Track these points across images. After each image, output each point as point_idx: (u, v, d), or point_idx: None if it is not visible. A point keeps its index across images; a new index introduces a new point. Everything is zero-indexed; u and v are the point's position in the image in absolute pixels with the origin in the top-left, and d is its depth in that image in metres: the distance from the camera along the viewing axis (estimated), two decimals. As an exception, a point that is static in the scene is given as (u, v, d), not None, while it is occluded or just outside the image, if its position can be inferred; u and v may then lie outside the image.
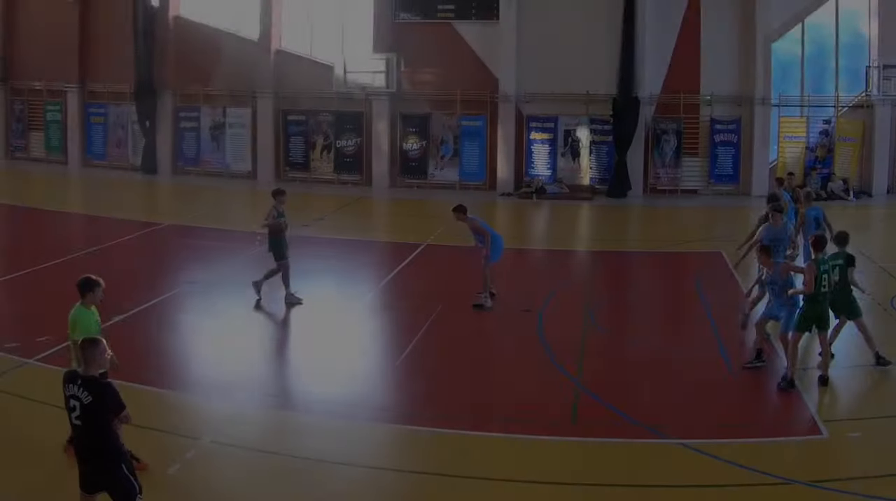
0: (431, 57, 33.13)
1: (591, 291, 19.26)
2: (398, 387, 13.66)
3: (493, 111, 32.62)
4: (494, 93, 32.45)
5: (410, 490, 10.29)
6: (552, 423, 12.00)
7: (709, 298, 18.57)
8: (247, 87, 34.08)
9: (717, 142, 32.39)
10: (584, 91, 32.10)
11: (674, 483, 10.45)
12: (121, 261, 21.16)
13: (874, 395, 13.51)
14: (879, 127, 32.32)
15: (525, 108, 32.61)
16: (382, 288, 19.34)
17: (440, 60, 33.06)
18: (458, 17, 32.82)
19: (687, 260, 22.85)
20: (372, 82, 32.24)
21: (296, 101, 33.85)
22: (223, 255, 21.85)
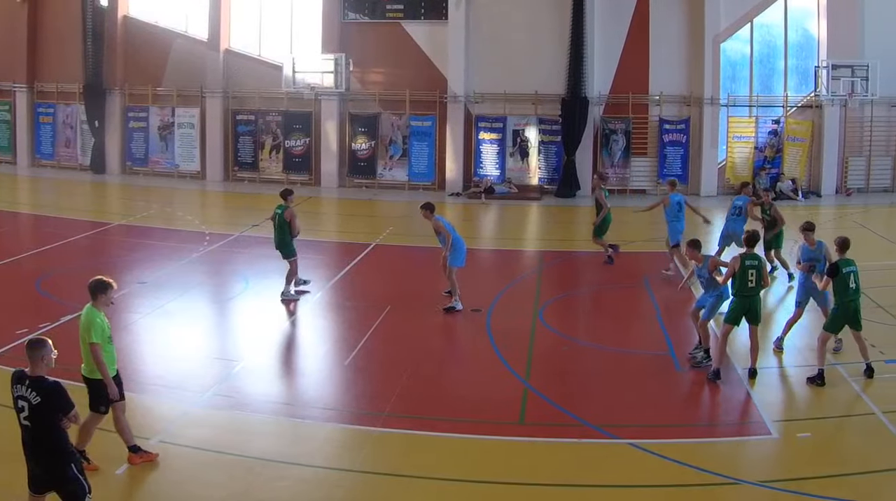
0: (380, 57, 33.10)
1: (539, 291, 19.25)
2: (347, 387, 13.64)
3: (442, 111, 32.58)
4: (443, 94, 32.41)
5: (360, 490, 10.31)
6: (500, 423, 12.02)
7: (657, 298, 18.66)
8: (196, 87, 33.87)
9: (666, 142, 32.42)
10: (532, 91, 32.12)
11: (622, 484, 10.49)
12: (70, 261, 21.11)
13: (824, 395, 13.46)
14: (828, 127, 32.44)
15: (474, 108, 32.59)
16: (331, 287, 19.30)
17: (389, 60, 33.04)
18: (406, 17, 32.80)
19: (636, 260, 22.82)
20: (321, 82, 32.10)
21: (245, 101, 33.75)
22: (172, 255, 21.71)
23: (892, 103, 32.39)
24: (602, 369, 14.57)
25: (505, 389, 13.36)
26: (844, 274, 13.47)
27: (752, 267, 13.54)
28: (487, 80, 32.31)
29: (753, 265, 13.56)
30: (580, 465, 10.92)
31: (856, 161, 33.05)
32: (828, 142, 32.44)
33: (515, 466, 10.86)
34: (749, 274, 13.49)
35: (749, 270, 13.50)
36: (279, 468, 10.57)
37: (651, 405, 12.98)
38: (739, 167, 32.70)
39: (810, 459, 11.12)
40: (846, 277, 13.45)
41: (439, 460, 10.90)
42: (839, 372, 14.01)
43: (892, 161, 33.13)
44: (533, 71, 32.06)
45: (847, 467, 10.85)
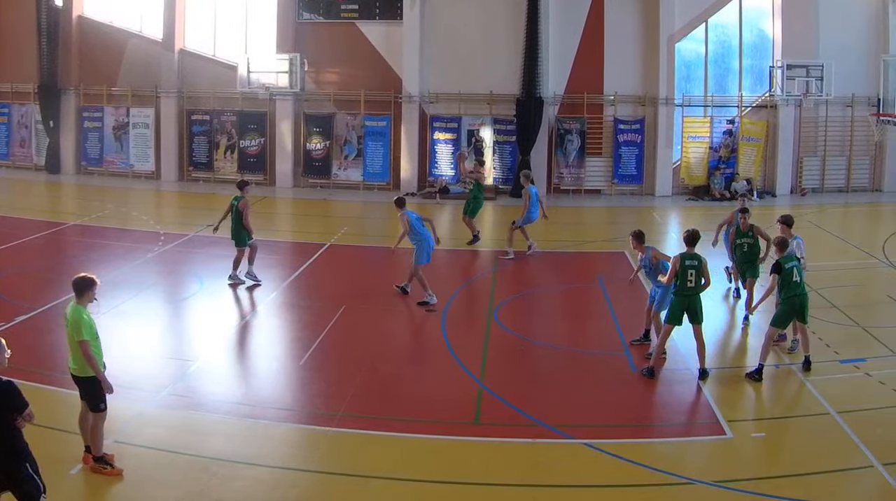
0: (335, 57, 33.02)
1: (494, 291, 19.25)
2: (302, 387, 13.64)
3: (397, 111, 32.53)
4: (398, 94, 32.35)
5: (315, 490, 10.30)
6: (455, 423, 12.04)
7: (612, 298, 18.67)
8: (151, 87, 33.75)
9: (621, 142, 32.43)
10: (487, 91, 32.10)
11: (577, 484, 10.52)
12: (24, 262, 21.01)
13: (778, 395, 13.58)
14: (783, 127, 32.53)
15: (429, 108, 32.54)
16: (286, 287, 19.30)
17: (344, 60, 32.97)
18: (361, 17, 32.76)
19: (591, 259, 22.92)
20: (275, 82, 32.00)
21: (199, 101, 33.64)
22: (127, 255, 21.62)
23: (846, 103, 32.47)
24: (557, 369, 14.59)
25: (460, 389, 13.40)
26: (787, 270, 13.68)
27: (691, 267, 13.65)
28: (442, 80, 32.28)
29: (693, 265, 13.66)
30: (535, 465, 10.95)
31: (810, 161, 33.12)
32: (782, 142, 32.51)
33: (470, 466, 10.91)
34: (689, 273, 13.61)
35: (689, 270, 13.62)
36: (235, 468, 10.60)
37: (606, 405, 13.05)
38: (694, 167, 32.71)
39: (765, 459, 11.22)
40: (789, 272, 13.66)
41: (394, 460, 10.94)
42: (793, 372, 14.10)
43: (847, 161, 33.21)
44: (488, 71, 32.05)
45: (801, 467, 10.90)
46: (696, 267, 13.66)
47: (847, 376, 13.89)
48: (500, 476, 10.61)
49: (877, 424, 12.10)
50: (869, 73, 31.17)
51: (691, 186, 32.66)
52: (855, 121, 32.63)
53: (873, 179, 33.41)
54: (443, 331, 16.21)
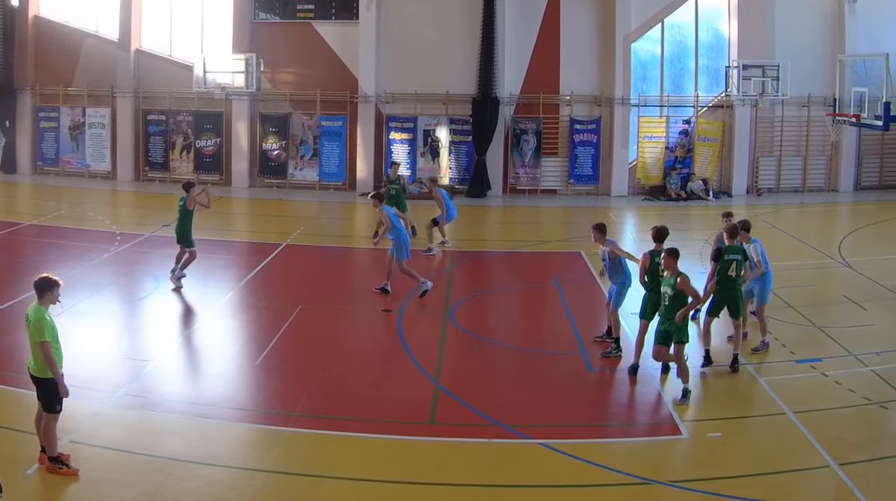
0: (291, 57, 32.96)
1: (450, 291, 19.24)
2: (258, 387, 13.65)
3: (353, 111, 32.46)
4: (354, 94, 32.30)
5: (270, 490, 10.32)
6: (411, 423, 12.08)
7: (568, 297, 18.72)
8: (107, 87, 33.62)
9: (577, 142, 32.43)
10: (443, 91, 32.08)
11: (533, 484, 10.55)
12: None
13: (734, 395, 13.62)
14: (739, 127, 32.59)
15: (385, 108, 32.49)
16: (242, 287, 19.28)
17: (300, 60, 32.91)
18: (317, 18, 32.68)
19: (547, 259, 22.93)
20: (231, 82, 31.87)
21: (155, 101, 33.50)
22: (83, 255, 21.57)
23: (802, 103, 32.57)
24: (513, 369, 14.65)
25: (416, 389, 13.46)
26: (726, 261, 13.88)
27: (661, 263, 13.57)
28: (398, 80, 32.25)
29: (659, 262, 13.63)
30: (491, 465, 10.99)
31: (766, 161, 33.20)
32: (738, 142, 32.56)
33: (426, 466, 10.95)
34: (659, 270, 13.59)
35: (659, 266, 13.60)
36: (190, 468, 10.61)
37: (562, 404, 13.09)
38: (650, 167, 32.73)
39: (721, 459, 11.23)
40: (728, 264, 13.86)
41: (350, 460, 10.98)
42: (749, 372, 14.18)
43: (803, 161, 33.30)
44: (444, 71, 32.03)
45: (757, 467, 10.94)
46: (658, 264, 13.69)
47: (803, 376, 13.98)
48: (455, 477, 10.67)
49: (833, 424, 12.20)
50: (825, 73, 31.26)
51: (647, 186, 32.68)
52: (811, 122, 32.73)
53: (829, 179, 33.49)
54: (399, 331, 16.26)
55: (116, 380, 13.34)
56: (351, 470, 10.61)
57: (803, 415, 12.30)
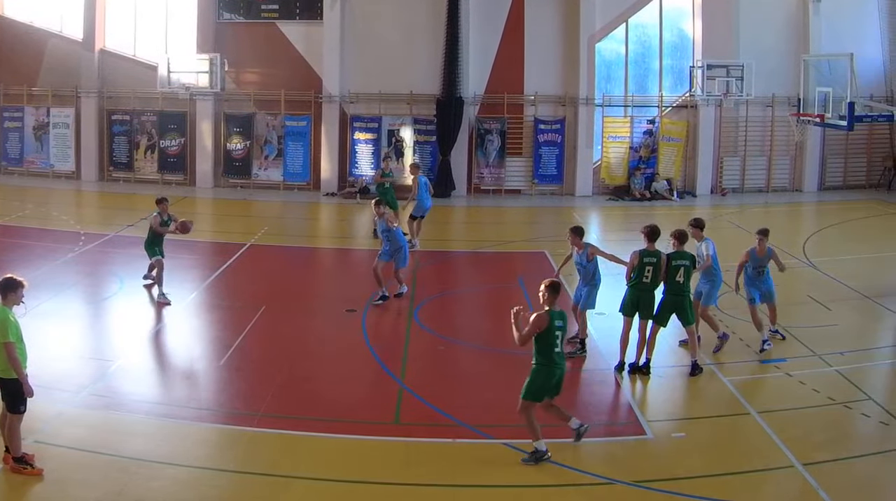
0: (255, 57, 32.92)
1: (414, 291, 19.19)
2: (222, 387, 13.62)
3: (317, 111, 32.42)
4: (318, 94, 32.26)
5: (234, 490, 10.32)
6: (375, 423, 12.09)
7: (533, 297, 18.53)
8: (71, 87, 33.52)
9: (541, 142, 32.45)
10: (407, 91, 32.08)
11: (497, 484, 10.55)
12: None
13: (698, 396, 13.65)
14: (703, 127, 32.65)
15: (349, 108, 32.48)
16: (206, 287, 19.26)
17: (264, 60, 32.86)
18: (281, 18, 32.63)
19: (511, 259, 22.93)
20: (196, 82, 31.77)
21: (120, 101, 33.39)
22: (48, 255, 21.48)
23: (766, 103, 32.67)
24: (477, 369, 14.67)
25: (380, 389, 13.51)
26: (674, 267, 13.87)
27: (649, 263, 13.86)
28: (363, 80, 32.22)
29: (651, 262, 13.87)
30: (455, 465, 10.98)
31: (731, 161, 33.27)
32: (703, 142, 32.62)
33: (390, 466, 10.93)
34: (646, 270, 13.84)
35: (647, 266, 13.84)
36: (154, 468, 10.60)
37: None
38: (614, 167, 32.76)
39: (685, 459, 11.24)
40: (675, 270, 13.86)
41: (314, 460, 10.96)
42: (714, 372, 14.19)
43: (767, 161, 33.40)
44: (408, 71, 32.02)
45: (722, 467, 10.97)
46: (654, 264, 13.86)
47: (767, 376, 14.05)
48: (419, 477, 10.65)
49: (797, 424, 12.24)
50: (789, 73, 31.18)
51: (611, 186, 32.71)
52: (775, 122, 32.82)
53: (793, 179, 33.59)
54: (363, 331, 16.22)
55: (81, 380, 13.34)
56: (315, 470, 10.63)
57: (767, 415, 12.36)
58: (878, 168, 33.95)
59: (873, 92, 31.77)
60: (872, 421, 12.39)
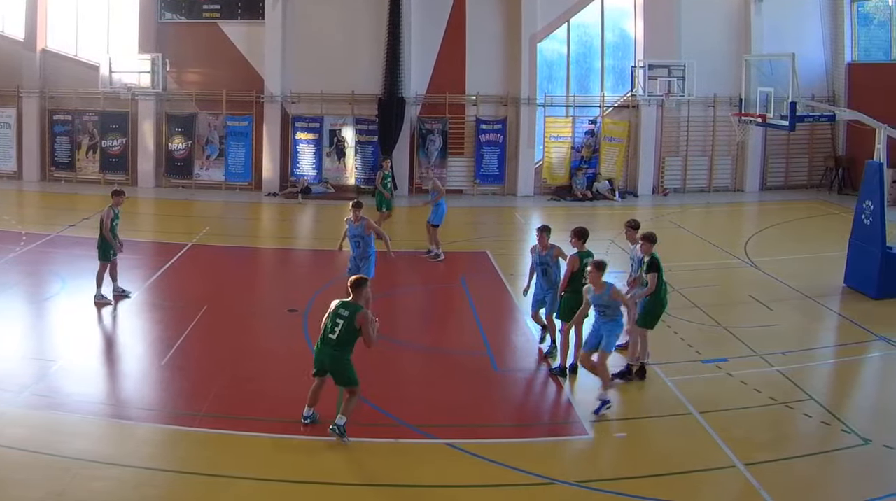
0: (197, 57, 32.82)
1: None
2: (164, 387, 13.57)
3: (259, 111, 32.38)
4: (260, 94, 32.22)
5: (176, 490, 10.31)
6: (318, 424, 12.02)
7: (475, 297, 18.75)
8: (12, 87, 33.36)
9: (483, 142, 32.47)
10: (349, 91, 32.08)
11: (439, 484, 10.58)
12: None
13: (640, 396, 13.66)
14: (645, 127, 32.75)
15: (291, 108, 32.43)
16: (148, 287, 19.19)
17: (206, 60, 32.77)
18: (223, 18, 32.56)
19: (453, 259, 22.84)
20: (137, 82, 31.69)
21: (61, 101, 33.24)
22: None
23: (708, 103, 32.80)
24: (420, 369, 14.69)
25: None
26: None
27: (586, 264, 13.61)
28: (304, 79, 32.19)
29: (587, 263, 13.64)
30: (397, 465, 11.02)
31: (672, 161, 33.36)
32: (644, 142, 32.71)
33: (332, 466, 10.94)
34: (585, 271, 13.54)
35: (585, 268, 13.58)
36: (96, 468, 10.57)
37: (468, 405, 13.09)
38: (556, 167, 32.79)
39: (627, 459, 11.35)
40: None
41: (255, 460, 10.96)
42: (656, 372, 14.23)
43: (709, 161, 33.50)
44: (350, 71, 32.02)
45: (663, 467, 11.01)
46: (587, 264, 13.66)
47: (709, 376, 14.06)
48: (362, 477, 10.70)
49: (738, 424, 12.30)
50: (731, 73, 31.19)
51: (553, 186, 32.73)
52: (717, 122, 32.96)
53: (735, 179, 33.71)
54: (304, 331, 16.18)
55: (23, 380, 13.27)
56: (257, 470, 10.63)
57: (709, 415, 12.42)
58: (819, 168, 34.08)
59: (815, 92, 31.96)
60: (814, 421, 12.47)
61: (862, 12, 33.74)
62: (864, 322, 17.24)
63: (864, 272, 19.28)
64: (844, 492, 10.58)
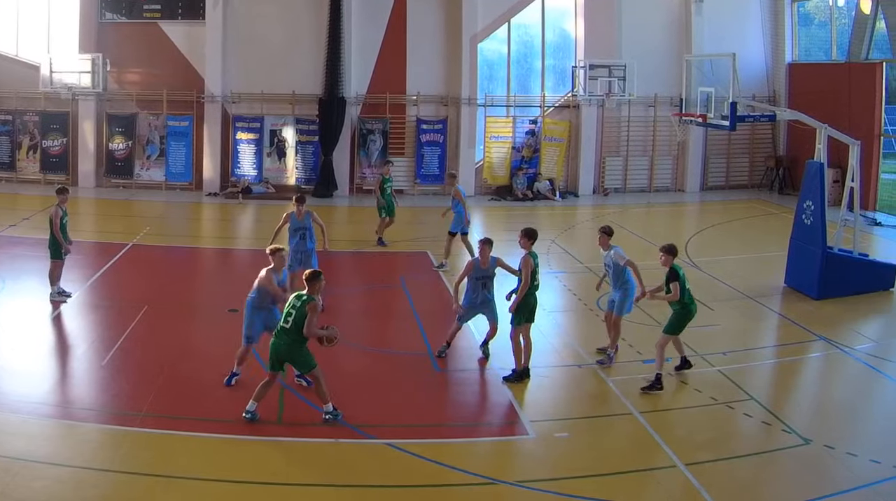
0: (138, 57, 32.66)
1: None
2: (104, 387, 13.55)
3: (200, 111, 32.29)
4: (201, 94, 32.16)
5: (117, 490, 10.29)
6: (258, 423, 12.08)
7: (415, 298, 18.83)
8: (-49, 88, 33.37)
9: (424, 142, 32.48)
10: (290, 91, 32.05)
11: (379, 484, 10.62)
12: None
13: (581, 396, 13.74)
14: (585, 127, 32.83)
15: (231, 108, 32.37)
16: (89, 287, 19.14)
17: (147, 60, 32.63)
18: (164, 18, 32.43)
19: (393, 260, 22.97)
20: (78, 82, 31.62)
21: (2, 101, 32.92)
22: None
23: (649, 103, 32.88)
24: (360, 369, 14.65)
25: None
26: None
27: (537, 264, 13.93)
28: (245, 80, 32.15)
29: (538, 263, 13.97)
30: (337, 465, 11.05)
31: (613, 161, 33.44)
32: (585, 142, 32.78)
33: (273, 466, 10.96)
34: (538, 271, 13.89)
35: (538, 268, 13.89)
36: (37, 468, 10.55)
37: (409, 405, 13.18)
38: (496, 167, 32.84)
39: (568, 459, 11.38)
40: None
41: (196, 459, 10.97)
42: (597, 372, 14.36)
43: (649, 161, 33.56)
44: (291, 71, 31.99)
45: (604, 467, 11.11)
46: (538, 264, 13.97)
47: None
48: (302, 476, 10.72)
49: (679, 424, 12.45)
50: (671, 73, 31.27)
51: (494, 186, 32.77)
52: (658, 122, 33.06)
53: (676, 179, 33.83)
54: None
55: None
56: (198, 470, 10.64)
57: (650, 415, 12.52)
58: (760, 168, 34.24)
59: (756, 92, 32.16)
60: (755, 421, 12.57)
61: (802, 12, 33.92)
62: (805, 322, 17.41)
63: (805, 272, 19.44)
64: (785, 492, 10.65)
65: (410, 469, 10.93)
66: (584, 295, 18.64)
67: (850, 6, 31.58)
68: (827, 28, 32.86)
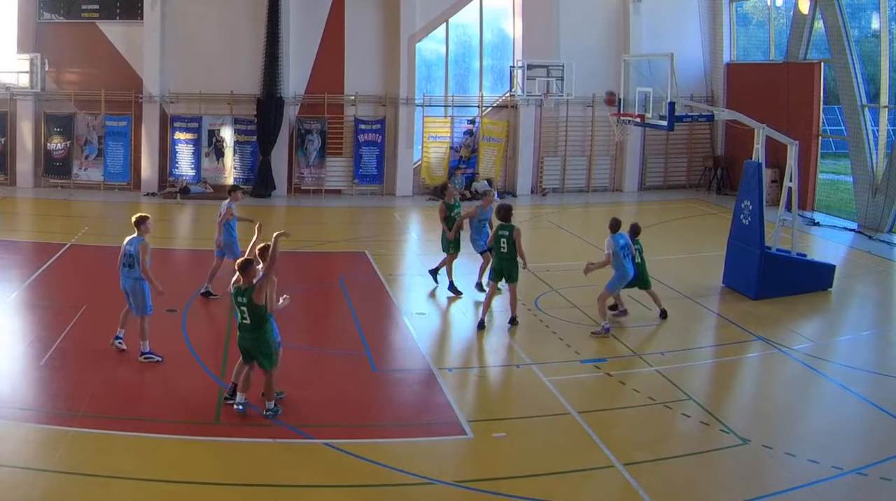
0: (76, 57, 32.57)
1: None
2: (42, 387, 13.50)
3: (138, 111, 32.23)
4: (139, 94, 32.10)
5: (55, 490, 10.23)
6: (196, 423, 12.09)
7: (353, 297, 18.83)
8: None
9: (362, 142, 32.50)
10: (228, 91, 32.04)
11: (317, 484, 10.60)
12: None
13: (519, 396, 13.80)
14: (523, 126, 32.96)
15: (169, 108, 32.32)
16: (26, 287, 19.06)
17: (85, 60, 32.53)
18: (102, 18, 32.32)
19: (332, 260, 23.01)
20: (16, 82, 31.55)
21: (-61, 102, 33.16)
22: None
23: (587, 103, 33.00)
24: (298, 369, 14.60)
25: (201, 389, 13.43)
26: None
27: (503, 236, 15.76)
28: (183, 80, 32.11)
29: (504, 235, 15.76)
30: (275, 465, 11.01)
31: (551, 161, 33.54)
32: (523, 142, 32.89)
33: (210, 466, 10.94)
34: (501, 242, 15.79)
35: (501, 239, 15.79)
36: None
37: (347, 405, 13.14)
38: (435, 167, 32.90)
39: (505, 459, 11.41)
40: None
41: (134, 459, 10.94)
42: (534, 372, 14.35)
43: (587, 161, 33.65)
44: (229, 71, 31.97)
45: (542, 467, 11.10)
46: (506, 236, 15.76)
47: (588, 376, 14.18)
48: (240, 477, 10.68)
49: (617, 424, 12.48)
50: (609, 73, 31.46)
51: (432, 186, 32.82)
52: (596, 122, 33.18)
53: (614, 179, 33.96)
54: (183, 331, 16.28)
55: None
56: (136, 470, 10.62)
57: (588, 415, 12.53)
58: (698, 168, 34.42)
59: (694, 92, 32.32)
60: (693, 421, 12.60)
61: (741, 12, 34.07)
62: (743, 322, 17.49)
63: (743, 272, 19.53)
64: (724, 492, 10.69)
65: (348, 469, 10.95)
66: (524, 295, 18.55)
67: (788, 6, 31.73)
68: (765, 28, 32.99)
